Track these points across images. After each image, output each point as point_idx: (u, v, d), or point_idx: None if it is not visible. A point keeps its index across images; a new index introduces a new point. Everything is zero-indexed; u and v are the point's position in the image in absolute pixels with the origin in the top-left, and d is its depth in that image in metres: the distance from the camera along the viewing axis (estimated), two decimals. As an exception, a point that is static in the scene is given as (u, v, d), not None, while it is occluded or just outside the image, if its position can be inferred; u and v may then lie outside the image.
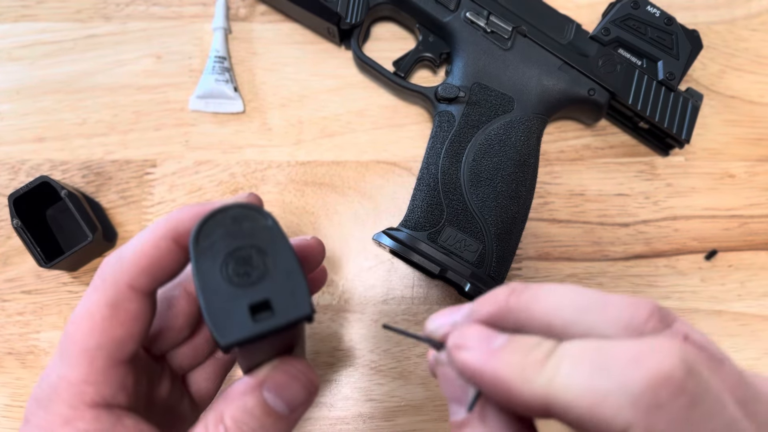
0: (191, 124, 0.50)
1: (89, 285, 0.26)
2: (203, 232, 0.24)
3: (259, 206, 0.26)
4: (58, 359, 0.26)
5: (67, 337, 0.26)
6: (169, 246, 0.26)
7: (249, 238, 0.25)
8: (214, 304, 0.23)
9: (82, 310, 0.26)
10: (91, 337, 0.25)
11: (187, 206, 0.27)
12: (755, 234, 0.49)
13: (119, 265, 0.26)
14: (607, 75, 0.47)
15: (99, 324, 0.25)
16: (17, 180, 0.49)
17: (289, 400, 0.26)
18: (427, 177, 0.45)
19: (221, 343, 0.22)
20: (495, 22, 0.47)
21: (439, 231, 0.43)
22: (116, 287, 0.25)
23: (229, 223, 0.25)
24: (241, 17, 0.52)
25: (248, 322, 0.23)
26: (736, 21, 0.54)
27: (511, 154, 0.45)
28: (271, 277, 0.24)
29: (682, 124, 0.48)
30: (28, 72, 0.51)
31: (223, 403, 0.25)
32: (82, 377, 0.25)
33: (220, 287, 0.23)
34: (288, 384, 0.26)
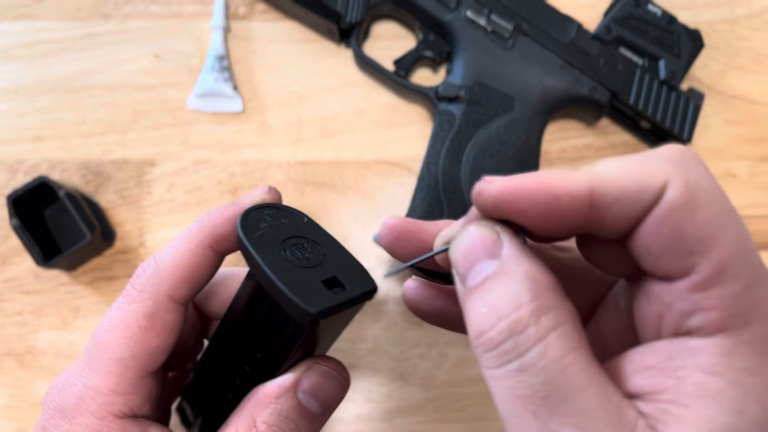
0: (190, 124, 0.50)
1: (122, 294, 0.26)
2: (248, 225, 0.25)
3: (293, 208, 0.27)
4: (84, 367, 0.25)
5: (98, 346, 0.25)
6: (207, 253, 0.26)
7: (294, 230, 0.26)
8: (290, 282, 0.23)
9: (117, 319, 0.25)
10: (127, 348, 0.25)
11: (217, 210, 0.27)
12: (757, 234, 0.49)
13: (157, 275, 0.26)
14: (609, 74, 0.47)
15: (135, 334, 0.25)
16: (15, 180, 0.48)
17: (324, 400, 0.26)
18: (428, 176, 0.45)
19: (311, 312, 0.22)
20: (496, 20, 0.47)
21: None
22: (156, 298, 0.25)
23: (269, 219, 0.26)
24: (240, 16, 0.52)
25: (328, 294, 0.23)
26: (737, 20, 0.53)
27: (511, 153, 0.45)
28: (329, 260, 0.25)
29: (683, 124, 0.48)
30: (26, 71, 0.51)
31: (254, 407, 0.25)
32: (112, 387, 0.25)
33: (287, 269, 0.24)
34: (324, 384, 0.26)
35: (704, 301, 0.18)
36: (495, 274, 0.20)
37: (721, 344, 0.18)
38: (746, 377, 0.18)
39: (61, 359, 0.46)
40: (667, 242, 0.19)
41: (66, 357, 0.46)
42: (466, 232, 0.21)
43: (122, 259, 0.47)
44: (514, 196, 0.19)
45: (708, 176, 0.19)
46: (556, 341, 0.18)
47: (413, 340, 0.46)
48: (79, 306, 0.47)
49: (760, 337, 0.18)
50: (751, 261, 0.19)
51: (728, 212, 0.19)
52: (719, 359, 0.18)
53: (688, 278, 0.19)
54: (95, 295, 0.47)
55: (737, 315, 0.18)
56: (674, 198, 0.18)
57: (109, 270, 0.47)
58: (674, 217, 0.18)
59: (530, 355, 0.18)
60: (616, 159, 0.20)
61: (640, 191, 0.19)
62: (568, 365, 0.18)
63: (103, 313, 0.46)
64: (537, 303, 0.19)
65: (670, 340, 0.19)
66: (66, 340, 0.46)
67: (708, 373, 0.18)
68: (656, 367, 0.19)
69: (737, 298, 0.18)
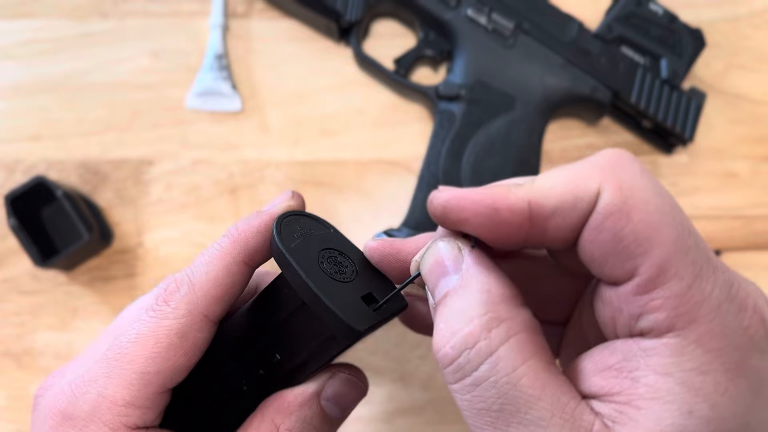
0: (189, 123, 0.50)
1: (152, 307, 0.25)
2: (284, 237, 0.25)
3: (318, 216, 0.27)
4: (102, 376, 0.25)
5: (123, 357, 0.25)
6: (241, 269, 0.26)
7: (326, 241, 0.26)
8: (333, 298, 0.23)
9: (147, 333, 0.25)
10: (154, 363, 0.24)
11: (245, 223, 0.26)
12: (760, 234, 0.49)
13: (193, 293, 0.25)
14: (610, 73, 0.47)
15: (164, 351, 0.24)
16: (13, 179, 0.48)
17: (345, 406, 0.26)
18: (428, 176, 0.44)
19: (358, 330, 0.23)
20: (496, 19, 0.47)
21: None
22: (190, 317, 0.25)
23: (300, 229, 0.26)
24: (239, 14, 0.52)
25: (369, 311, 0.24)
26: (739, 19, 0.53)
27: (512, 153, 0.44)
28: (362, 275, 0.25)
29: (685, 123, 0.47)
30: (24, 70, 0.50)
31: (277, 413, 0.25)
32: (129, 400, 0.24)
33: (328, 283, 0.24)
34: (347, 392, 0.26)
35: (649, 302, 0.18)
36: (454, 289, 0.20)
37: (670, 344, 0.18)
38: (695, 377, 0.18)
39: (59, 360, 0.45)
40: (607, 248, 0.19)
41: (64, 357, 0.45)
42: (431, 249, 0.22)
43: (120, 259, 0.47)
44: (458, 206, 0.20)
45: (642, 176, 0.19)
46: (508, 354, 0.19)
47: (414, 341, 0.46)
48: (76, 306, 0.46)
49: (707, 333, 0.18)
50: (693, 257, 0.19)
51: (665, 211, 0.19)
52: (669, 360, 0.18)
53: (632, 281, 0.19)
54: (93, 295, 0.46)
55: (683, 314, 0.18)
56: (607, 203, 0.19)
57: (107, 270, 0.47)
58: (610, 222, 0.19)
59: (482, 370, 0.19)
60: (555, 171, 0.20)
61: (576, 201, 0.19)
62: (520, 377, 0.18)
63: (102, 313, 0.46)
64: (489, 316, 0.19)
65: (626, 341, 0.19)
66: (64, 340, 0.46)
67: (659, 374, 0.18)
68: (614, 367, 0.19)
69: (681, 296, 0.18)
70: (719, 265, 0.19)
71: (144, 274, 0.47)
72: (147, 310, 0.25)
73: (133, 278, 0.47)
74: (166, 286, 0.26)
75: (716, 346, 0.18)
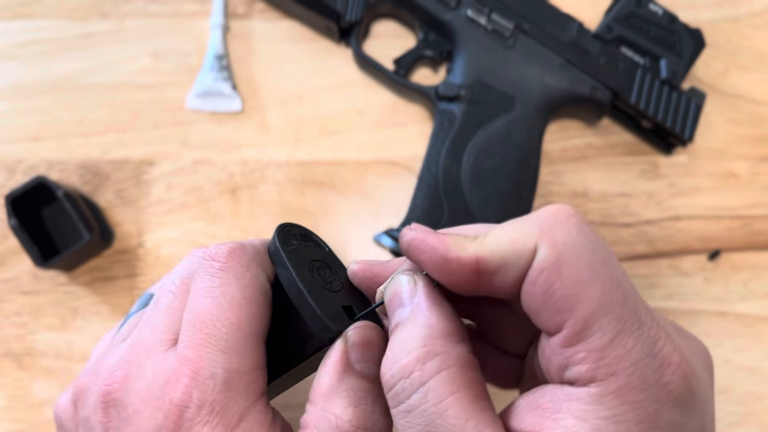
0: (189, 123, 0.50)
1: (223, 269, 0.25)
2: (283, 238, 0.27)
3: (321, 238, 0.29)
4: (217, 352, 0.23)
5: (229, 326, 0.24)
6: None
7: (319, 255, 0.28)
8: (316, 298, 0.25)
9: (237, 296, 0.24)
10: (257, 324, 0.25)
11: None
12: (759, 234, 0.49)
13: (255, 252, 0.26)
14: (610, 73, 0.47)
15: (260, 310, 0.25)
16: (14, 179, 0.48)
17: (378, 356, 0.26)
18: (428, 176, 0.45)
19: (333, 329, 0.24)
20: (496, 19, 0.47)
21: None
22: (264, 275, 0.26)
23: (299, 238, 0.28)
24: (239, 15, 0.52)
25: (346, 318, 0.25)
26: (739, 19, 0.53)
27: (512, 153, 0.44)
28: (347, 291, 0.27)
29: (685, 123, 0.47)
30: (24, 70, 0.50)
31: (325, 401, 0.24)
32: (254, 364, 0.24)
33: (315, 286, 0.26)
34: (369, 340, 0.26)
35: (574, 355, 0.20)
36: (403, 321, 0.22)
37: (591, 393, 0.20)
38: (609, 425, 0.19)
39: (59, 360, 0.45)
40: (540, 301, 0.21)
41: (65, 358, 0.45)
42: (393, 281, 0.24)
43: (121, 259, 0.47)
44: (418, 249, 0.22)
45: (578, 233, 0.21)
46: (438, 385, 0.20)
47: (413, 340, 0.46)
48: (77, 306, 0.46)
49: (625, 386, 0.19)
50: (618, 314, 0.20)
51: (596, 267, 0.20)
52: (587, 407, 0.20)
53: (560, 334, 0.20)
54: (94, 295, 0.46)
55: (603, 366, 0.19)
56: (542, 260, 0.20)
57: (107, 270, 0.47)
58: (543, 278, 0.20)
59: (414, 398, 0.20)
60: (503, 226, 0.22)
61: (517, 258, 0.21)
62: (446, 408, 0.20)
63: (102, 313, 0.46)
64: (425, 349, 0.21)
65: (556, 386, 0.21)
66: (64, 340, 0.46)
67: (577, 418, 0.20)
68: (542, 407, 0.21)
69: (602, 350, 0.20)
70: (647, 320, 0.20)
71: (144, 275, 0.47)
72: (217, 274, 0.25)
73: (134, 278, 0.47)
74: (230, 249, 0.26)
75: (632, 399, 0.19)
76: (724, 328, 0.47)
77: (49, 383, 0.45)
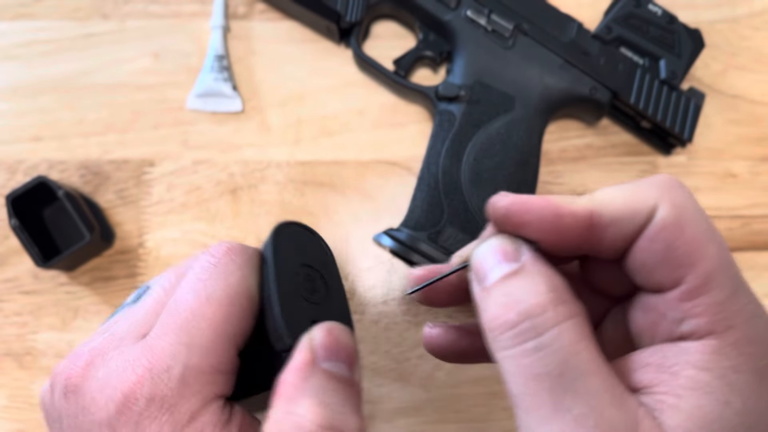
0: (189, 123, 0.50)
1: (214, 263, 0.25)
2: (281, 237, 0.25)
3: (321, 237, 0.27)
4: (181, 345, 0.23)
5: (200, 321, 0.23)
6: None
7: (314, 260, 0.26)
8: (287, 307, 0.24)
9: (219, 293, 0.24)
10: (229, 324, 0.23)
11: None
12: (758, 234, 0.49)
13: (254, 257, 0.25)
14: (609, 74, 0.47)
15: (237, 311, 0.24)
16: (14, 180, 0.48)
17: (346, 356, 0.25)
18: (428, 177, 0.45)
19: (287, 341, 0.23)
20: (496, 20, 0.47)
21: (440, 231, 0.43)
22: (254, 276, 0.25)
23: (296, 240, 0.26)
24: (239, 15, 0.52)
25: None
26: (738, 19, 0.53)
27: (512, 153, 0.45)
28: (329, 303, 0.26)
29: (684, 124, 0.47)
30: (25, 71, 0.51)
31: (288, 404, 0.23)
32: (216, 365, 0.23)
33: (292, 295, 0.24)
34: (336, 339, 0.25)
35: (693, 308, 0.21)
36: (514, 272, 0.21)
37: (709, 345, 0.20)
38: (731, 374, 0.20)
39: (60, 360, 0.45)
40: (659, 257, 0.21)
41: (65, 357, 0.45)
42: (487, 242, 0.23)
43: (121, 259, 0.47)
44: (522, 209, 0.22)
45: (692, 199, 0.22)
46: (571, 328, 0.20)
47: (413, 340, 0.46)
48: (78, 306, 0.46)
49: (743, 339, 0.20)
50: (732, 272, 0.21)
51: (711, 230, 0.22)
52: (708, 357, 0.20)
53: (678, 289, 0.21)
54: (94, 295, 0.47)
55: (722, 320, 0.20)
56: (664, 217, 0.21)
57: (108, 270, 0.47)
58: (665, 234, 0.21)
59: (547, 336, 0.20)
60: (612, 187, 0.23)
61: (634, 213, 0.21)
62: (581, 350, 0.20)
63: (103, 313, 0.46)
64: (554, 294, 0.21)
65: (665, 344, 0.21)
66: (65, 340, 0.46)
67: (698, 368, 0.20)
68: (653, 364, 0.21)
69: (722, 305, 0.20)
70: (748, 286, 0.22)
71: (145, 275, 0.47)
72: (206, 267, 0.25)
73: (135, 278, 0.47)
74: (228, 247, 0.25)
75: (749, 351, 0.20)
76: (724, 327, 0.47)
77: (49, 383, 0.45)
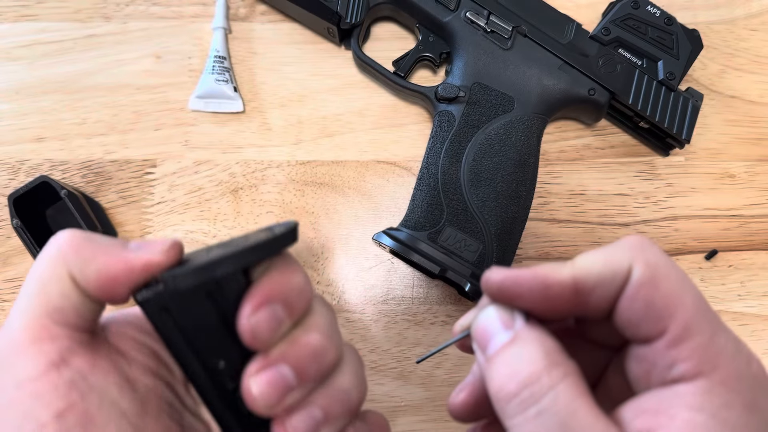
0: (191, 124, 0.50)
1: None
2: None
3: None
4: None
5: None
6: None
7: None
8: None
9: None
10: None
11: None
12: (755, 234, 0.49)
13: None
14: (608, 75, 0.47)
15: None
16: (17, 180, 0.48)
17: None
18: (427, 177, 0.45)
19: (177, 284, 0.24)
20: (495, 21, 0.47)
21: (440, 231, 0.43)
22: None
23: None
24: (240, 17, 0.52)
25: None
26: (736, 21, 0.54)
27: (511, 153, 0.45)
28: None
29: (682, 124, 0.48)
30: (27, 72, 0.51)
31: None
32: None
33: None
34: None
35: (679, 354, 0.22)
36: (511, 341, 0.24)
37: (700, 386, 0.22)
38: (724, 411, 0.21)
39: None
40: (641, 313, 0.23)
41: (67, 356, 0.46)
42: (484, 312, 0.25)
43: (123, 259, 0.48)
44: (515, 283, 0.24)
45: (663, 256, 0.24)
46: (566, 389, 0.22)
47: (413, 339, 0.47)
48: (80, 306, 0.47)
49: (730, 376, 0.22)
50: (710, 316, 0.23)
51: (685, 280, 0.24)
52: (700, 397, 0.22)
53: (664, 338, 0.23)
54: (96, 294, 0.47)
55: (708, 361, 0.22)
56: (638, 277, 0.23)
57: (110, 270, 0.47)
58: (643, 292, 0.23)
59: (545, 401, 0.22)
60: (590, 253, 0.25)
61: (613, 276, 0.23)
62: (577, 408, 0.22)
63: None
64: (548, 360, 0.23)
65: (660, 389, 0.23)
66: (67, 339, 0.46)
67: (693, 409, 0.21)
68: (651, 410, 0.22)
69: (705, 347, 0.22)
70: (728, 328, 0.24)
71: (146, 274, 0.47)
72: None
73: (136, 278, 0.47)
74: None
75: (735, 387, 0.22)
76: (721, 327, 0.47)
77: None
